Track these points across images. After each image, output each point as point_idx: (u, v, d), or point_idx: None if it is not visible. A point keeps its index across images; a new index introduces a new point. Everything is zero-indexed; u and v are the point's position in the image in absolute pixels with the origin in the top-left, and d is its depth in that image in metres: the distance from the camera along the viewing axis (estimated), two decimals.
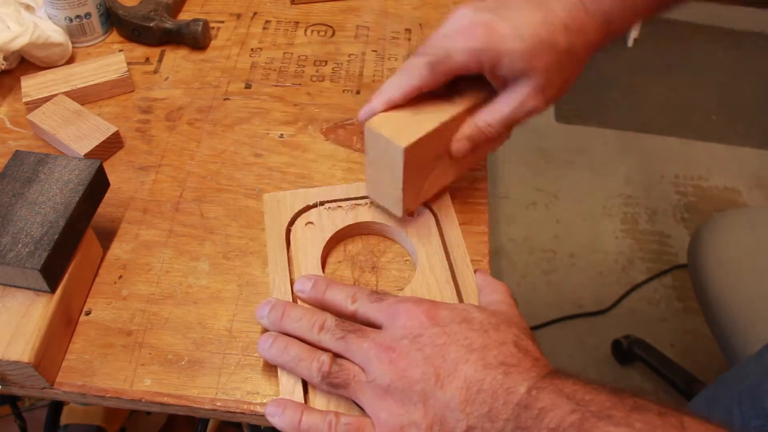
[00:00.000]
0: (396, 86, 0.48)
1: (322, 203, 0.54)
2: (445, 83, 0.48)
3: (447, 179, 0.54)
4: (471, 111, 0.50)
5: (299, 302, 0.47)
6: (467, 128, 0.50)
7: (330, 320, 0.43)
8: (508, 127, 0.50)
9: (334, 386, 0.41)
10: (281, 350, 0.43)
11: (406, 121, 0.48)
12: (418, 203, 0.53)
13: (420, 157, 0.48)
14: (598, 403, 0.35)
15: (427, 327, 0.40)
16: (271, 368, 0.47)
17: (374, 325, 0.43)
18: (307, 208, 0.54)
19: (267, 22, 0.76)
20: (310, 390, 0.44)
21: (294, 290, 0.46)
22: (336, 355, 0.42)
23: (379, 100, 0.48)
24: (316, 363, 0.42)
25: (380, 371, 0.40)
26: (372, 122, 0.48)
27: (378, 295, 0.44)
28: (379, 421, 0.39)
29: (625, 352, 1.30)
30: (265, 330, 0.45)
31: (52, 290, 0.46)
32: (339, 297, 0.44)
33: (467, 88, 0.50)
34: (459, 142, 0.50)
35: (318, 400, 0.43)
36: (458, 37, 0.46)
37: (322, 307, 0.45)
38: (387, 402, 0.39)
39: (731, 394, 0.58)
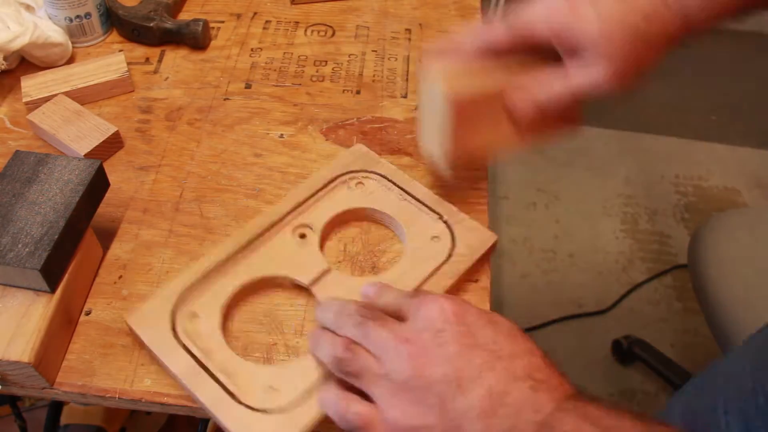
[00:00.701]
0: (470, 36, 0.48)
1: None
2: (518, 48, 0.48)
3: (505, 145, 0.52)
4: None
5: None
6: (533, 91, 0.49)
7: (351, 306, 0.42)
8: (574, 100, 0.48)
9: (347, 374, 0.40)
10: (311, 339, 0.43)
11: (465, 75, 0.47)
12: (466, 161, 0.51)
13: (472, 114, 0.48)
14: (621, 430, 0.34)
15: (452, 323, 0.38)
16: None
17: (400, 318, 0.41)
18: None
19: (267, 22, 0.76)
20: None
21: (361, 294, 0.46)
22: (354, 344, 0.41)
23: (449, 42, 0.48)
24: (331, 347, 0.41)
25: (397, 365, 0.38)
26: (431, 68, 0.47)
27: (416, 291, 0.43)
28: (389, 419, 0.37)
29: (625, 352, 1.30)
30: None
31: (52, 290, 0.46)
32: (388, 298, 0.44)
33: (539, 63, 0.49)
34: (523, 102, 0.49)
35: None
36: (541, 10, 0.47)
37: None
38: (400, 399, 0.37)
39: (718, 389, 0.58)
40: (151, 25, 0.71)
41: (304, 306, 0.51)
